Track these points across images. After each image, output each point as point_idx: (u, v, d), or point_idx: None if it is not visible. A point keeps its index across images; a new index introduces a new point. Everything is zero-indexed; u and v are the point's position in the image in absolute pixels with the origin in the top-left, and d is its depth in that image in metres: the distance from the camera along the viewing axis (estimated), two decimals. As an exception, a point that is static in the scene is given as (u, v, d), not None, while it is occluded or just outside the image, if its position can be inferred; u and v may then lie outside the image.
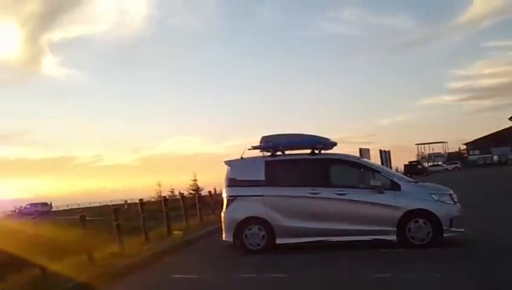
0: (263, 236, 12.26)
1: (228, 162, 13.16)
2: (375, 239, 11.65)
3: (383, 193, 11.80)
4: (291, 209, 12.22)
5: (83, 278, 9.50)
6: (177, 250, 13.99)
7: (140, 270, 11.20)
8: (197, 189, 48.60)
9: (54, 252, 11.33)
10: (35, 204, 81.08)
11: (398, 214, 11.60)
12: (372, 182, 12.00)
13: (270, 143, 12.96)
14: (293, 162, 13.02)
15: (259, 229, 12.29)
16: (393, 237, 11.56)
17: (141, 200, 17.44)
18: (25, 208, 79.03)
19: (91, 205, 72.78)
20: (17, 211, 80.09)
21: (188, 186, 50.77)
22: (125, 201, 60.36)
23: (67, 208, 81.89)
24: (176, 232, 16.50)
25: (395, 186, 11.95)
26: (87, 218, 12.46)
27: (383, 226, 11.64)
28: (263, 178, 12.56)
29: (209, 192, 29.09)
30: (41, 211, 59.77)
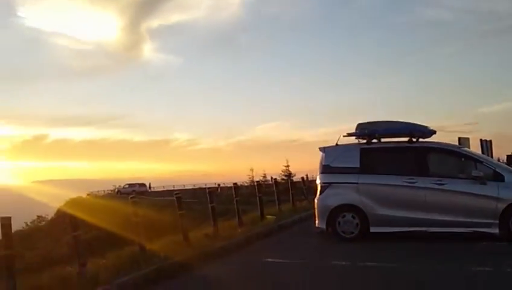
0: (357, 224, 12.04)
1: (323, 149, 13.03)
2: (475, 231, 11.13)
3: (485, 183, 11.21)
4: (386, 197, 11.90)
5: (179, 257, 9.76)
6: (269, 234, 14.04)
7: (233, 252, 11.35)
8: (289, 175, 48.80)
9: (151, 231, 11.76)
10: (134, 184, 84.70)
11: (501, 206, 10.98)
12: (474, 173, 11.41)
13: (366, 130, 12.68)
14: (390, 150, 12.67)
15: (352, 217, 12.08)
16: (495, 230, 10.98)
17: (235, 184, 17.69)
18: (123, 188, 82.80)
19: (185, 187, 74.90)
20: (116, 190, 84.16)
21: (280, 171, 51.08)
22: (218, 185, 61.78)
23: (163, 189, 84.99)
24: (268, 216, 16.60)
25: (498, 177, 11.30)
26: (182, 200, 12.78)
27: (484, 219, 11.07)
28: (358, 165, 12.31)
29: (302, 178, 29.09)
30: (138, 191, 62.28)
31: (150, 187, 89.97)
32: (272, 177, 46.89)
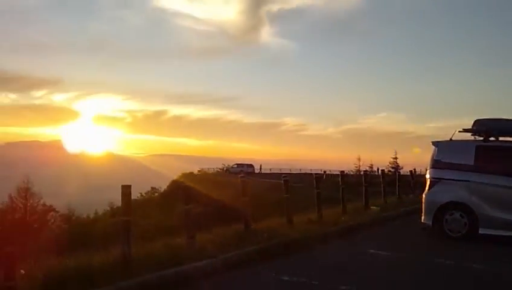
0: (465, 223, 11.63)
1: (436, 143, 12.67)
2: None
3: None
4: (500, 199, 11.39)
5: (282, 239, 10.02)
6: (373, 225, 13.95)
7: (336, 240, 11.45)
8: (396, 167, 47.77)
9: (257, 211, 12.12)
10: (242, 164, 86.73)
11: None
12: None
13: (484, 127, 12.16)
14: (508, 150, 12.05)
15: (461, 215, 11.69)
16: None
17: (342, 172, 17.68)
18: (232, 167, 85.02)
19: (292, 172, 75.46)
20: (225, 169, 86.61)
21: (388, 163, 50.11)
22: (324, 171, 61.65)
23: (269, 171, 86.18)
24: (373, 207, 16.47)
25: None
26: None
27: None
28: (472, 163, 11.85)
29: (411, 171, 28.40)
30: (246, 172, 63.72)
31: (260, 169, 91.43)
32: (378, 168, 46.14)
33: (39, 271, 6.61)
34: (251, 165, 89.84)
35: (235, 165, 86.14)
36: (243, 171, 50.96)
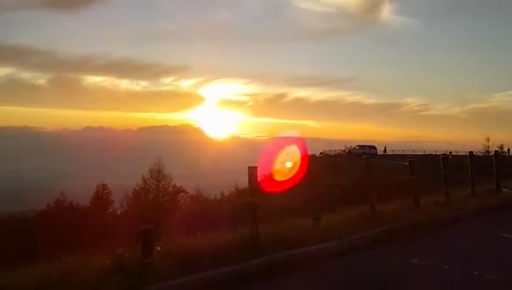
0: None
1: None
2: None
3: None
4: None
5: (409, 221, 9.80)
6: (505, 208, 13.16)
7: (465, 223, 10.99)
8: (530, 147, 44.45)
9: (381, 193, 11.88)
10: (364, 146, 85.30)
11: None
12: None
13: None
14: None
15: None
16: None
17: (471, 152, 16.79)
18: (354, 149, 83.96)
19: (415, 153, 72.97)
20: (347, 151, 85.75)
21: (520, 144, 46.75)
22: (450, 152, 58.96)
23: (392, 153, 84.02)
24: (505, 190, 15.50)
25: None
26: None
27: None
28: None
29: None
30: (368, 154, 62.63)
31: (385, 151, 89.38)
32: (508, 149, 43.24)
33: (174, 248, 7.01)
34: (373, 147, 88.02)
35: (357, 147, 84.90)
36: (365, 153, 50.19)
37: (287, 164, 12.86)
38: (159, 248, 6.80)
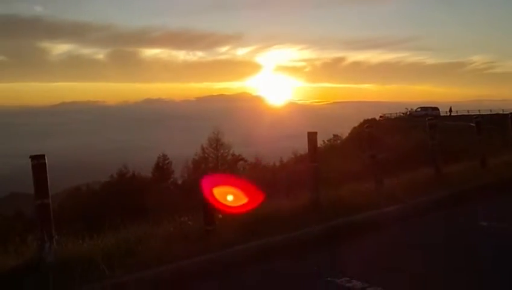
0: None
1: None
2: None
3: None
4: None
5: (476, 183, 9.42)
6: None
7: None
8: None
9: (445, 155, 11.47)
10: (426, 108, 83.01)
11: None
12: None
13: None
14: None
15: None
16: None
17: (542, 109, 15.94)
18: (415, 111, 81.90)
19: (481, 113, 70.41)
20: (408, 113, 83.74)
21: None
22: (519, 111, 56.52)
23: (456, 114, 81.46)
24: None
25: None
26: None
27: None
28: None
29: None
30: (431, 115, 60.93)
31: (450, 111, 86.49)
32: None
33: (235, 216, 6.99)
34: (436, 108, 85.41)
35: (419, 109, 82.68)
36: (428, 115, 48.86)
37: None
38: (220, 216, 6.80)
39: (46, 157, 5.69)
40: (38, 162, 5.65)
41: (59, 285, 4.91)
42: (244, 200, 6.99)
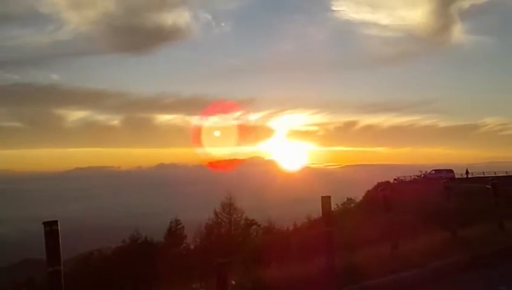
0: None
1: None
2: None
3: None
4: None
5: (496, 246, 9.21)
6: None
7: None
8: None
9: (462, 218, 11.31)
10: (440, 170, 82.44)
11: None
12: None
13: None
14: None
15: None
16: None
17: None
18: (429, 173, 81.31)
19: (497, 175, 69.77)
20: (422, 176, 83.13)
21: None
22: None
23: (472, 176, 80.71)
24: None
25: None
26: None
27: None
28: None
29: None
30: (445, 178, 60.43)
31: (467, 173, 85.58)
32: None
33: (249, 282, 6.86)
34: (451, 171, 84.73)
35: (433, 171, 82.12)
36: (442, 177, 48.50)
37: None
38: (233, 282, 6.67)
39: (58, 224, 5.68)
40: (51, 228, 5.63)
41: None
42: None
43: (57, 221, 5.71)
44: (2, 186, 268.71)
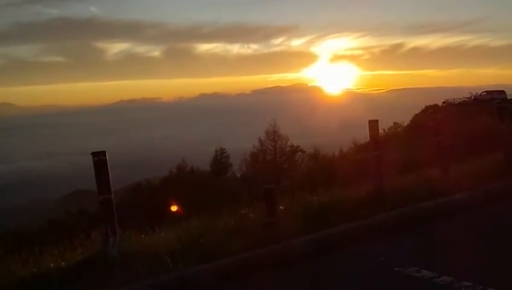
0: None
1: None
2: None
3: None
4: None
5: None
6: None
7: None
8: None
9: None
10: (491, 92, 79.97)
11: None
12: None
13: None
14: None
15: None
16: None
17: None
18: (480, 95, 79.07)
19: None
20: (472, 98, 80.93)
21: None
22: None
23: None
24: None
25: None
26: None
27: None
28: None
29: None
30: (497, 99, 58.58)
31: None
32: None
33: (297, 206, 6.86)
34: (502, 92, 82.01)
35: (484, 93, 79.68)
36: (494, 99, 47.04)
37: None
38: (282, 207, 6.68)
39: (106, 154, 5.73)
40: (99, 158, 5.70)
41: (124, 278, 4.92)
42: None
43: (105, 151, 5.77)
44: (49, 120, 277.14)
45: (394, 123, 62.98)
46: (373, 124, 7.74)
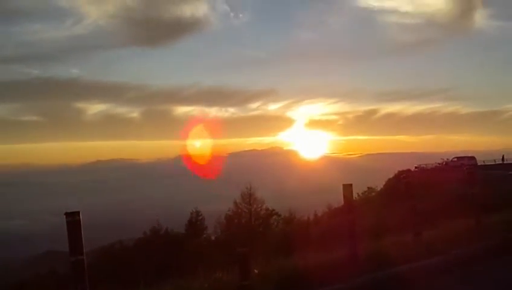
0: None
1: None
2: None
3: None
4: None
5: None
6: None
7: None
8: None
9: (486, 204, 11.13)
10: (462, 157, 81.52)
11: None
12: None
13: None
14: None
15: None
16: None
17: None
18: (451, 161, 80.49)
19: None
20: (444, 163, 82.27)
21: None
22: None
23: (493, 163, 79.66)
24: None
25: None
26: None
27: None
28: None
29: None
30: (467, 165, 59.68)
31: (503, 159, 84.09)
32: None
33: (272, 270, 6.83)
34: (473, 158, 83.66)
35: (455, 159, 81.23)
36: (464, 165, 47.93)
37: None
38: (256, 271, 6.64)
39: (80, 214, 5.70)
40: (73, 219, 5.65)
41: None
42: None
43: (79, 211, 5.72)
44: (24, 179, 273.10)
45: (368, 188, 63.53)
46: (347, 188, 7.85)
